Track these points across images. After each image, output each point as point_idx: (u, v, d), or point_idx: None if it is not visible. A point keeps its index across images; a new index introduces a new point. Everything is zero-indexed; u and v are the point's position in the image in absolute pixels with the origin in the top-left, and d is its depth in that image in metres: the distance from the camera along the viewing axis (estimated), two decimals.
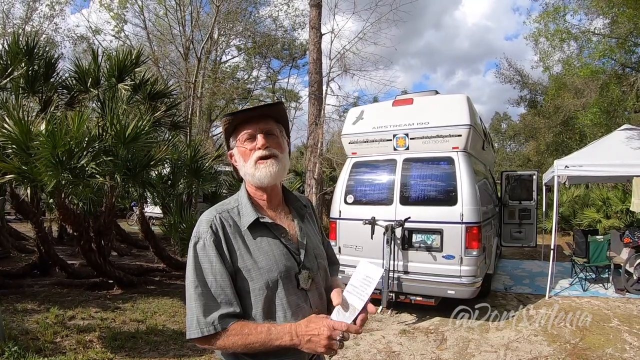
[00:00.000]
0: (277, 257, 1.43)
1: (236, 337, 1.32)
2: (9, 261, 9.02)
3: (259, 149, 1.46)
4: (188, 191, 8.23)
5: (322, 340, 1.29)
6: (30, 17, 18.86)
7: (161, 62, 17.46)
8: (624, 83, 11.53)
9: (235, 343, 1.32)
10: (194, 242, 1.41)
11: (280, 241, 1.48)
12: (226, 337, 1.33)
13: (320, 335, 1.29)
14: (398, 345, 5.10)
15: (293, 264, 1.47)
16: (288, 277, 1.44)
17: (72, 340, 4.76)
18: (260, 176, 1.46)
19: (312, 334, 1.30)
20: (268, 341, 1.31)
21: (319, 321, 1.32)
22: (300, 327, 1.32)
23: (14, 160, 5.43)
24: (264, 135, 1.48)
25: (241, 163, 1.51)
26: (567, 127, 20.87)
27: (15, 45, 6.80)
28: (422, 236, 6.08)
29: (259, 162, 1.46)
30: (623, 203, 13.54)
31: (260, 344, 1.31)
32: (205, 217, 1.44)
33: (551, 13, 11.13)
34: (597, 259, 7.53)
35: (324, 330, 1.29)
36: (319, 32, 12.68)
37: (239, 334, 1.32)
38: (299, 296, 1.45)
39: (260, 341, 1.31)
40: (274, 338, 1.31)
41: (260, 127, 1.49)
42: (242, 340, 1.32)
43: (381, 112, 6.89)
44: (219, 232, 1.40)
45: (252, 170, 1.47)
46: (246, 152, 1.49)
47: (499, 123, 38.91)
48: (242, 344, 1.32)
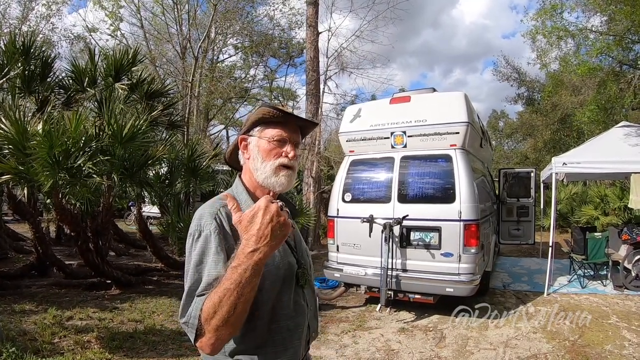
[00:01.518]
0: (282, 254, 1.41)
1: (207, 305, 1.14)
2: (7, 262, 9.00)
3: (286, 157, 1.44)
4: (186, 190, 8.22)
5: (272, 210, 1.14)
6: (26, 17, 18.78)
7: (158, 61, 17.41)
8: (621, 80, 11.54)
9: (209, 311, 1.13)
10: (196, 235, 1.31)
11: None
12: (202, 318, 1.15)
13: (266, 214, 1.13)
14: (397, 344, 5.10)
15: (293, 261, 1.46)
16: (291, 274, 1.42)
17: (70, 340, 4.74)
18: (277, 183, 1.43)
19: (266, 224, 1.13)
20: (237, 277, 1.11)
21: (247, 215, 1.16)
22: (250, 238, 1.13)
23: (11, 161, 5.40)
24: (294, 146, 1.46)
25: (258, 158, 1.45)
26: (564, 124, 20.90)
27: (12, 45, 6.77)
28: (420, 234, 6.08)
29: (282, 169, 1.43)
30: (621, 200, 13.56)
31: (234, 285, 1.11)
32: (208, 210, 1.36)
33: (548, 10, 11.11)
34: (595, 256, 7.54)
35: (261, 205, 1.14)
36: (316, 30, 12.67)
37: (207, 299, 1.15)
38: (298, 293, 1.44)
39: (230, 284, 1.11)
40: (239, 267, 1.12)
41: (294, 137, 1.48)
42: (212, 301, 1.13)
43: (379, 110, 6.88)
44: (225, 225, 1.33)
45: (270, 173, 1.43)
46: (272, 151, 1.44)
47: (497, 121, 38.89)
48: (214, 304, 1.12)
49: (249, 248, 1.12)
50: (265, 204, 1.15)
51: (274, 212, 1.14)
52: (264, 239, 1.13)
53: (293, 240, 1.53)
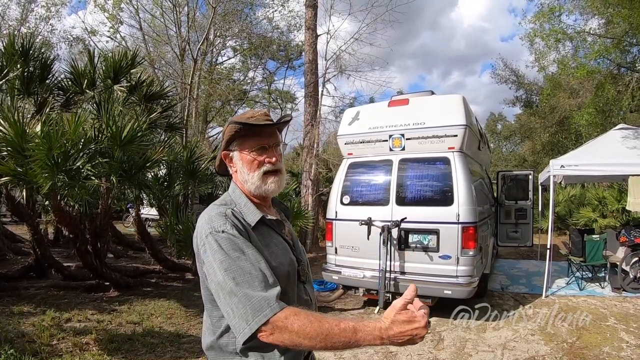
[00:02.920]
0: (283, 251, 1.47)
1: (302, 318, 1.18)
2: (5, 263, 8.98)
3: (270, 163, 1.48)
4: (184, 193, 8.22)
5: (423, 332, 1.19)
6: (25, 19, 18.78)
7: (157, 63, 17.42)
8: (619, 83, 11.57)
9: (303, 327, 1.16)
10: (213, 237, 1.31)
11: (282, 237, 1.53)
12: (287, 320, 1.18)
13: (419, 328, 1.18)
14: (395, 346, 5.09)
15: (294, 258, 1.52)
16: (294, 271, 1.48)
17: (69, 342, 4.74)
18: (268, 189, 1.49)
19: (411, 334, 1.19)
20: (353, 341, 1.17)
21: (408, 314, 1.20)
22: (391, 329, 1.19)
23: (9, 162, 5.40)
24: (274, 149, 1.50)
25: (243, 170, 1.51)
26: (562, 127, 20.92)
27: (11, 46, 6.77)
28: (419, 236, 6.08)
29: (268, 176, 1.49)
30: (619, 202, 13.60)
31: (343, 343, 1.17)
32: (216, 212, 1.39)
33: (546, 13, 11.13)
34: (593, 258, 7.55)
35: (423, 322, 1.19)
36: (315, 33, 12.70)
37: (307, 317, 1.19)
38: (300, 289, 1.51)
39: (344, 338, 1.16)
40: (360, 339, 1.17)
41: (272, 140, 1.51)
42: (314, 327, 1.16)
43: (377, 113, 6.89)
44: (237, 224, 1.36)
45: (259, 182, 1.48)
46: (254, 162, 1.49)
47: (495, 123, 38.98)
48: (313, 332, 1.16)
49: (382, 335, 1.19)
50: (425, 323, 1.19)
51: (423, 333, 1.19)
52: (398, 338, 1.19)
53: (291, 239, 1.60)
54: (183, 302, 6.66)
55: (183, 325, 5.68)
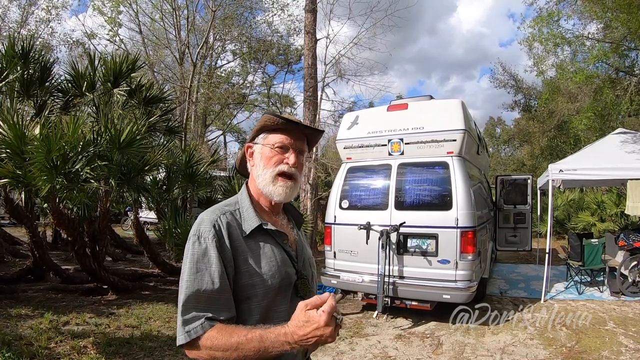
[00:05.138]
0: (280, 263, 1.42)
1: (214, 334, 1.23)
2: (3, 266, 8.96)
3: (286, 164, 1.45)
4: (183, 196, 8.20)
5: (326, 331, 1.14)
6: (26, 21, 18.80)
7: (156, 66, 17.45)
8: (617, 87, 11.62)
9: (215, 342, 1.22)
10: (193, 240, 1.34)
11: (282, 248, 1.46)
12: (205, 339, 1.23)
13: (319, 329, 1.14)
14: (394, 350, 5.09)
15: (293, 271, 1.46)
16: (288, 285, 1.43)
17: (67, 346, 4.72)
18: (275, 193, 1.45)
19: (314, 335, 1.15)
20: (262, 349, 1.19)
21: (305, 316, 1.17)
22: (295, 333, 1.17)
23: (8, 165, 5.40)
24: (297, 153, 1.47)
25: (260, 164, 1.48)
26: (561, 131, 20.98)
27: (11, 48, 6.78)
28: (417, 241, 6.09)
29: (280, 177, 1.45)
30: (617, 206, 13.63)
31: (254, 352, 1.19)
32: (208, 217, 1.38)
33: (545, 18, 11.18)
34: (592, 262, 7.55)
35: (321, 321, 1.14)
36: (314, 37, 12.71)
37: (219, 331, 1.23)
38: (295, 304, 1.41)
39: (252, 348, 1.19)
40: (269, 346, 1.19)
41: (298, 143, 1.48)
42: (224, 341, 1.21)
43: (376, 117, 6.90)
44: (223, 233, 1.35)
45: (270, 180, 1.45)
46: (273, 157, 1.46)
47: (493, 128, 39.09)
48: (224, 345, 1.21)
49: (288, 340, 1.18)
50: (325, 322, 1.14)
51: (327, 333, 1.15)
52: (304, 342, 1.17)
53: (294, 250, 1.53)
54: None
55: None
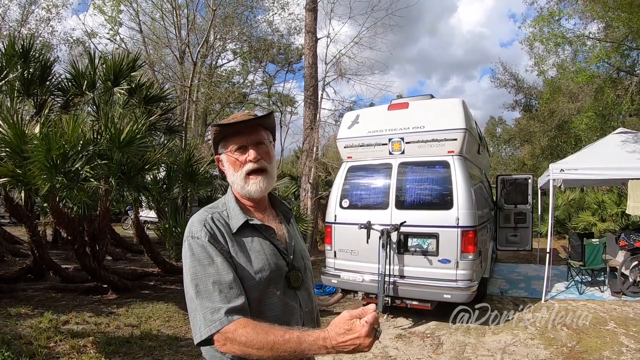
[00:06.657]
0: (269, 256, 1.46)
1: (249, 330, 1.22)
2: (3, 265, 8.96)
3: (250, 161, 1.49)
4: (183, 195, 8.19)
5: (366, 341, 1.17)
6: (26, 20, 18.77)
7: (157, 65, 17.42)
8: (618, 87, 11.60)
9: (250, 338, 1.21)
10: (189, 242, 1.39)
11: (270, 241, 1.50)
12: (236, 332, 1.23)
13: (359, 338, 1.16)
14: (394, 350, 5.08)
15: (283, 263, 1.49)
16: (279, 276, 1.47)
17: (66, 345, 4.71)
18: (250, 190, 1.50)
19: (353, 343, 1.17)
20: (299, 351, 1.20)
21: (348, 324, 1.19)
22: (334, 339, 1.18)
23: (8, 164, 5.38)
24: (255, 147, 1.50)
25: (230, 171, 1.54)
26: (562, 131, 20.94)
27: (11, 47, 6.76)
28: (418, 240, 6.07)
29: (250, 176, 1.50)
30: (618, 206, 13.61)
31: (289, 353, 1.20)
32: (197, 218, 1.45)
33: (546, 17, 11.17)
34: (592, 262, 7.54)
35: (363, 332, 1.16)
36: (315, 36, 12.69)
37: (254, 328, 1.23)
38: (288, 295, 1.48)
39: (288, 349, 1.19)
40: (306, 349, 1.19)
41: (251, 138, 1.51)
42: (260, 339, 1.20)
43: (377, 116, 6.89)
44: (214, 230, 1.41)
45: (242, 182, 1.50)
46: (236, 162, 1.51)
47: (494, 127, 39.00)
48: (259, 343, 1.20)
49: (326, 344, 1.18)
50: (366, 333, 1.16)
51: (366, 343, 1.17)
52: (342, 347, 1.18)
53: (284, 243, 1.57)
54: (181, 305, 6.63)
55: (181, 328, 5.66)
